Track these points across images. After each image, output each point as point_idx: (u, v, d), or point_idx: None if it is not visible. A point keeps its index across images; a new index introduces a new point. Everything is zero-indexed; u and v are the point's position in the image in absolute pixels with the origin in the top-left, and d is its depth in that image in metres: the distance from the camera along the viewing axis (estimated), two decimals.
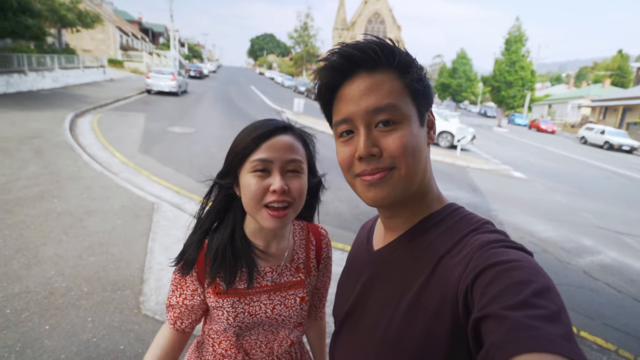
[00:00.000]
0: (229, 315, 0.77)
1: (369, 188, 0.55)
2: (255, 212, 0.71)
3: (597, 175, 11.10)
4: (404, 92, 0.54)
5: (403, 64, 0.54)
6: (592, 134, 21.62)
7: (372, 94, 0.52)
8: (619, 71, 41.25)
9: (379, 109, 0.52)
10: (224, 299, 0.77)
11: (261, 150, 0.71)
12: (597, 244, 4.81)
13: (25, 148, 5.43)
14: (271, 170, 0.71)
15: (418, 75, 0.55)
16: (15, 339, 1.94)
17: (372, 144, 0.53)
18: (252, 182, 0.70)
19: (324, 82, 0.57)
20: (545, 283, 0.39)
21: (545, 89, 53.51)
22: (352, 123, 0.55)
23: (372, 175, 0.54)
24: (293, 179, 0.72)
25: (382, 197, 0.54)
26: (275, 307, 0.80)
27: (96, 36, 26.55)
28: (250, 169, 0.71)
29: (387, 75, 0.53)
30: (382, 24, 68.11)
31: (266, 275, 0.80)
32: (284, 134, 0.74)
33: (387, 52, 0.53)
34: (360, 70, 0.54)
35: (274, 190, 0.69)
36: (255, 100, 19.30)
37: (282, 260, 0.82)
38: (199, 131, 8.76)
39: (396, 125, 0.53)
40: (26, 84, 11.89)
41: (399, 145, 0.52)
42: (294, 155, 0.72)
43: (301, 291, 0.83)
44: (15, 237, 2.96)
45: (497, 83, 26.39)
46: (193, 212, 0.83)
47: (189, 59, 54.02)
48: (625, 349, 2.64)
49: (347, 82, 0.55)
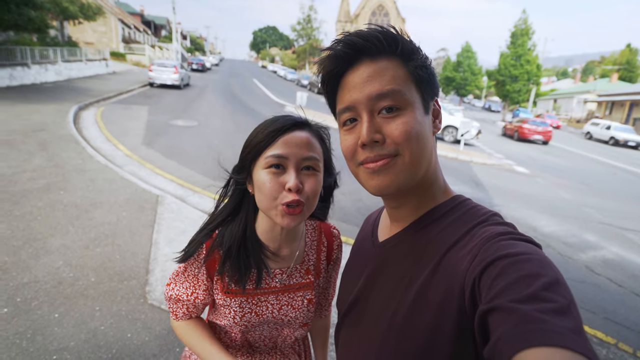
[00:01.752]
0: (236, 315, 0.77)
1: (372, 176, 0.54)
2: (270, 209, 0.69)
3: (602, 171, 11.03)
4: (408, 79, 0.53)
5: (406, 51, 0.53)
6: (597, 130, 21.39)
7: (375, 81, 0.52)
8: (627, 65, 40.57)
9: (382, 95, 0.52)
10: (232, 298, 0.77)
11: (276, 145, 0.68)
12: (600, 240, 4.80)
13: (30, 141, 5.47)
14: (286, 166, 0.68)
15: (422, 63, 0.54)
16: (26, 326, 1.98)
17: (375, 130, 0.52)
18: (266, 179, 0.67)
19: (327, 70, 0.56)
20: (554, 276, 0.38)
21: (551, 84, 52.90)
22: (355, 110, 0.54)
23: (375, 162, 0.53)
24: (309, 177, 0.69)
25: (386, 185, 0.53)
26: (282, 308, 0.80)
27: (98, 29, 26.46)
28: (264, 165, 0.68)
29: (390, 62, 0.53)
30: (386, 16, 67.27)
31: (275, 276, 0.79)
32: (300, 130, 0.71)
33: (390, 39, 0.52)
34: (364, 57, 0.53)
35: (289, 188, 0.66)
36: (257, 93, 19.23)
37: (292, 262, 0.81)
38: (201, 124, 8.77)
39: (400, 112, 0.52)
40: (29, 76, 11.90)
41: (402, 131, 0.51)
42: (310, 153, 0.69)
43: (309, 293, 0.82)
44: (23, 228, 3.00)
45: (502, 77, 26.14)
46: (197, 204, 0.83)
47: (191, 52, 53.77)
48: (625, 342, 2.66)
49: (351, 70, 0.54)
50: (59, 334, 1.96)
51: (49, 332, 1.96)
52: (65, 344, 1.90)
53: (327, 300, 0.97)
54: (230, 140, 7.59)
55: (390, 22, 71.26)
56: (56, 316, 2.09)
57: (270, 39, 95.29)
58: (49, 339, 1.92)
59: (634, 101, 27.60)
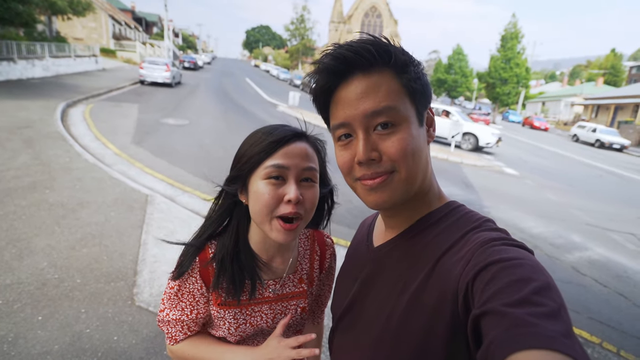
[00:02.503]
0: (231, 326, 0.76)
1: (369, 192, 0.54)
2: (265, 222, 0.67)
3: (588, 173, 11.28)
4: (402, 93, 0.52)
5: (399, 62, 0.52)
6: (584, 132, 21.92)
7: (369, 97, 0.51)
8: (612, 70, 41.69)
9: (377, 112, 0.51)
10: (226, 310, 0.76)
11: (277, 156, 0.66)
12: (585, 241, 4.91)
13: (15, 138, 5.33)
14: (286, 178, 0.66)
15: (415, 74, 0.53)
16: (8, 329, 1.93)
17: (371, 149, 0.52)
18: (265, 190, 0.66)
19: (319, 85, 0.55)
20: (546, 281, 0.39)
21: (540, 87, 53.94)
22: (350, 127, 0.54)
23: (373, 179, 0.53)
24: (308, 189, 0.68)
25: (384, 201, 0.54)
26: (276, 317, 0.80)
27: (88, 24, 25.98)
28: (263, 176, 0.66)
29: (383, 76, 0.52)
30: (379, 17, 67.65)
31: (269, 286, 0.79)
32: (300, 141, 0.70)
33: (383, 51, 0.51)
34: (356, 71, 0.52)
35: (289, 199, 0.64)
36: (250, 92, 19.12)
37: (285, 272, 0.80)
38: (192, 123, 8.68)
39: (395, 128, 0.52)
40: (15, 72, 11.60)
41: (398, 148, 0.51)
42: (310, 163, 0.69)
43: (303, 301, 0.82)
44: (6, 228, 2.92)
45: (492, 80, 26.55)
46: (186, 204, 0.81)
47: (183, 50, 53.17)
48: (609, 342, 2.72)
49: (343, 84, 0.53)
50: (42, 337, 1.91)
51: (31, 335, 1.91)
52: (49, 347, 1.86)
53: (320, 307, 0.97)
54: (222, 139, 7.53)
55: (383, 23, 71.11)
56: (40, 319, 2.03)
57: (263, 39, 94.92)
58: (31, 342, 1.87)
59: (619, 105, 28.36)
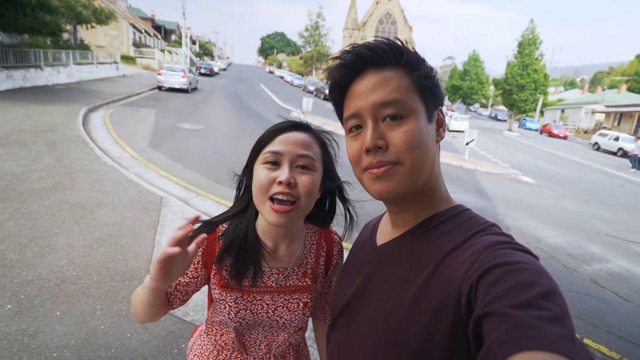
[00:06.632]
0: (231, 310, 0.78)
1: (374, 181, 0.56)
2: (261, 204, 0.71)
3: (609, 182, 10.88)
4: (412, 88, 0.55)
5: (411, 61, 0.56)
6: (605, 140, 21.16)
7: (379, 89, 0.55)
8: (636, 77, 40.20)
9: (386, 103, 0.54)
10: (228, 293, 0.78)
11: (274, 143, 0.73)
12: (605, 252, 4.73)
13: (40, 141, 5.57)
14: (281, 162, 0.71)
15: (426, 73, 0.56)
16: (29, 323, 2.01)
17: (378, 137, 0.55)
18: (261, 173, 0.71)
19: (335, 79, 0.59)
20: (550, 286, 0.39)
21: (559, 94, 52.51)
22: (360, 117, 0.57)
23: (378, 168, 0.55)
24: (302, 175, 0.71)
25: (388, 191, 0.56)
26: (277, 309, 0.80)
27: (110, 33, 26.98)
28: (262, 161, 0.73)
29: (395, 72, 0.55)
30: (394, 24, 67.69)
31: (272, 276, 0.80)
32: (299, 131, 0.75)
33: (395, 50, 0.55)
34: (370, 67, 0.56)
35: (280, 181, 0.68)
36: (264, 98, 19.39)
37: (290, 264, 0.82)
38: (207, 128, 8.87)
39: (403, 120, 0.54)
40: (42, 78, 12.16)
41: (404, 139, 0.53)
42: (305, 151, 0.72)
43: (305, 296, 0.83)
44: (29, 227, 3.06)
45: (509, 86, 26.01)
46: (200, 206, 0.85)
47: (200, 57, 54.52)
48: (630, 358, 2.61)
49: (357, 79, 0.57)
50: (60, 332, 1.98)
51: (50, 330, 1.99)
52: (66, 341, 1.93)
53: (329, 304, 0.97)
54: (235, 144, 7.66)
55: (397, 30, 70.93)
56: (58, 314, 2.11)
57: (278, 45, 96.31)
58: (50, 336, 1.95)
59: None
